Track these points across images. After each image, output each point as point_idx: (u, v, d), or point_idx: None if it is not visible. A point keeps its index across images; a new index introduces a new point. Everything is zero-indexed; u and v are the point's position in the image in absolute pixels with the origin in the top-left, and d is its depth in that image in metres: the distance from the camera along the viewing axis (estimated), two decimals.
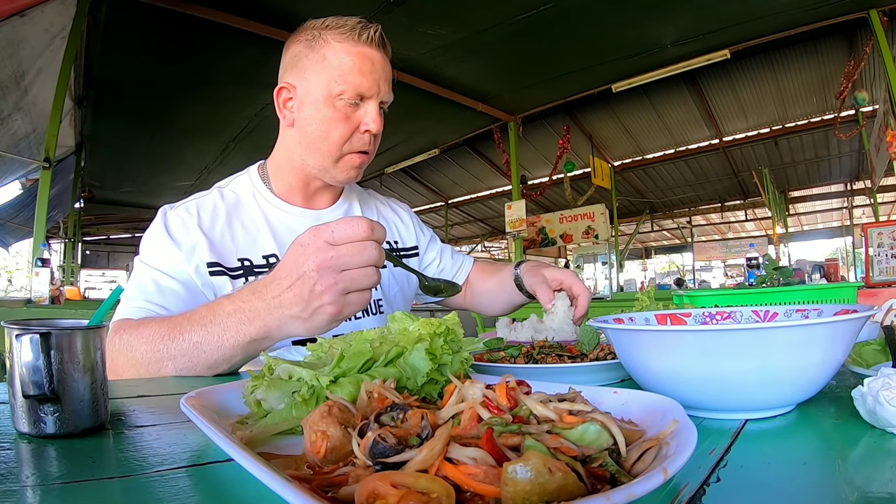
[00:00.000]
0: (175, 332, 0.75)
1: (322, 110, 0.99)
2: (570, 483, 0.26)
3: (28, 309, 3.37)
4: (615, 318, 0.67)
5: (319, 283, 0.65)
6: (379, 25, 1.02)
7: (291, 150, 1.06)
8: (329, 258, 0.65)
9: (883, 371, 0.44)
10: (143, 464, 0.39)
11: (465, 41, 4.94)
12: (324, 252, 0.65)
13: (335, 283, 0.66)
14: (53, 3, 3.63)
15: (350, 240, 0.65)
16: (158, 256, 0.94)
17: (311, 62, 1.00)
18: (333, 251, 0.65)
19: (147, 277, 0.93)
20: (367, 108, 1.00)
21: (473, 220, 13.50)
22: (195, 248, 0.95)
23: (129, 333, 0.79)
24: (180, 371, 0.76)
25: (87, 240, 12.62)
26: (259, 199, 1.08)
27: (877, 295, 3.10)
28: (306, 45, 1.01)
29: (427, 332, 0.49)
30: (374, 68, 0.99)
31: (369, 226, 0.66)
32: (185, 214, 0.99)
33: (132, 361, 0.77)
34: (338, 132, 0.99)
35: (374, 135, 1.02)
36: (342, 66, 0.97)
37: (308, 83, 1.00)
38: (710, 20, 4.85)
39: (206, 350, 0.74)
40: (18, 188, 7.37)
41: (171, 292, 0.91)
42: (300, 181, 1.09)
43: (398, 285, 1.20)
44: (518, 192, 7.63)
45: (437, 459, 0.29)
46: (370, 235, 0.66)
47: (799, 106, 7.33)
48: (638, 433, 0.36)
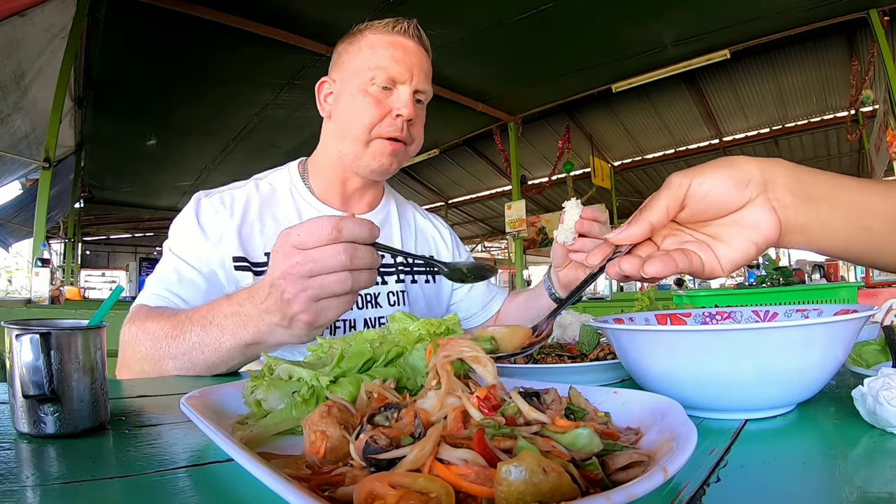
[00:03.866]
0: (177, 331, 0.75)
1: (356, 96, 1.00)
2: (564, 484, 0.26)
3: (28, 309, 3.37)
4: (615, 318, 0.67)
5: (287, 291, 0.62)
6: (414, 20, 1.04)
7: (329, 143, 1.07)
8: (294, 264, 0.61)
9: (883, 371, 0.44)
10: (143, 464, 0.39)
11: (465, 41, 4.93)
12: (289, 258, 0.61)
13: (303, 290, 0.61)
14: (53, 3, 3.63)
15: (317, 243, 0.60)
16: (184, 245, 0.95)
17: (349, 55, 1.04)
18: (299, 256, 0.61)
19: (170, 266, 0.93)
20: (400, 92, 1.00)
21: (473, 220, 13.49)
22: (222, 239, 0.96)
23: (137, 326, 0.80)
24: (180, 370, 0.76)
25: (87, 240, 12.64)
26: (296, 195, 1.08)
27: (877, 295, 3.10)
28: (348, 43, 1.06)
29: (427, 332, 0.49)
30: (407, 55, 1.01)
31: (334, 226, 0.60)
32: (218, 205, 0.99)
33: (137, 355, 0.79)
34: (368, 115, 0.99)
35: (407, 120, 1.01)
36: (375, 53, 1.00)
37: (344, 74, 1.04)
38: (710, 20, 4.85)
39: (205, 351, 0.74)
40: (18, 188, 7.38)
41: (191, 284, 0.91)
42: (338, 178, 1.09)
43: (425, 300, 1.17)
44: (518, 192, 7.63)
45: (429, 459, 0.29)
46: (336, 238, 0.60)
47: (799, 106, 7.32)
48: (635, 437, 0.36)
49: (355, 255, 0.61)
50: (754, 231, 0.52)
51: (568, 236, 0.88)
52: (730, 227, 0.53)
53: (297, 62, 5.11)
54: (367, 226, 0.62)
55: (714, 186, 0.51)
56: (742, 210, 0.52)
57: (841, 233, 0.53)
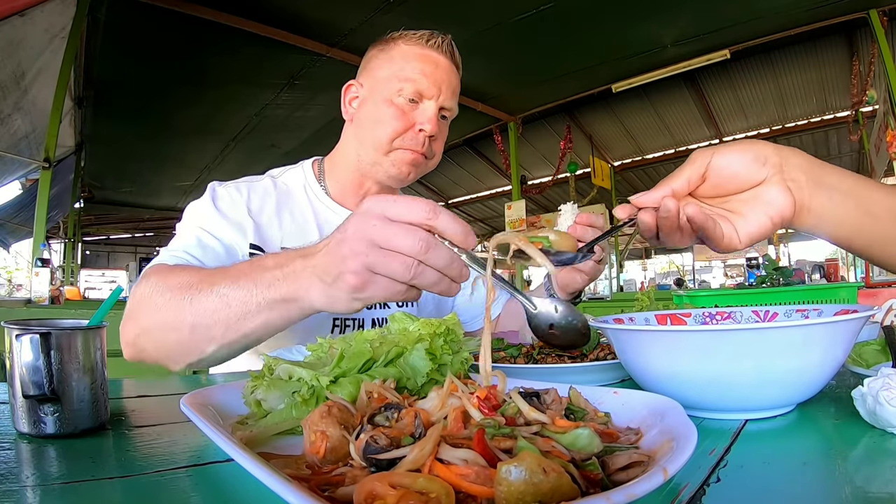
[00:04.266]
0: (205, 283, 0.69)
1: (380, 105, 1.00)
2: (564, 484, 0.26)
3: (28, 309, 3.37)
4: (615, 318, 0.67)
5: (349, 246, 0.56)
6: (449, 36, 1.05)
7: (348, 146, 1.07)
8: (370, 226, 0.55)
9: (883, 371, 0.44)
10: (143, 464, 0.39)
11: (465, 41, 4.88)
12: (367, 219, 0.56)
13: (364, 254, 0.55)
14: (53, 3, 3.63)
15: (401, 217, 0.54)
16: (205, 220, 0.93)
17: (379, 62, 1.04)
18: (378, 221, 0.55)
19: (191, 233, 0.91)
20: (426, 107, 1.01)
21: (473, 221, 13.49)
22: (241, 225, 0.95)
23: (158, 278, 0.75)
24: (197, 328, 0.68)
25: (87, 240, 12.63)
26: (311, 195, 1.09)
27: (877, 295, 3.10)
28: (379, 49, 1.06)
29: (427, 332, 0.49)
30: (437, 71, 1.01)
31: (431, 210, 0.54)
32: (234, 192, 0.99)
33: (153, 307, 0.72)
34: (391, 126, 0.99)
35: (430, 136, 1.01)
36: (405, 65, 1.00)
37: (373, 81, 1.04)
38: (710, 20, 4.85)
39: (232, 305, 0.66)
40: (18, 188, 7.38)
41: (212, 252, 0.89)
42: (355, 181, 1.09)
43: (434, 301, 1.16)
44: (518, 193, 7.63)
45: (428, 459, 0.29)
46: (426, 221, 0.54)
47: (799, 106, 7.32)
48: (635, 437, 0.36)
49: (432, 249, 0.54)
50: (770, 206, 0.57)
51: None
52: (747, 203, 0.58)
53: (296, 62, 5.11)
54: (465, 229, 0.56)
55: (733, 161, 0.57)
56: (759, 187, 0.57)
57: (849, 218, 0.57)
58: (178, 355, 0.72)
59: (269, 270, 0.65)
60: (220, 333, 0.68)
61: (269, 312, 0.65)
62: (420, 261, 0.54)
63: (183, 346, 0.70)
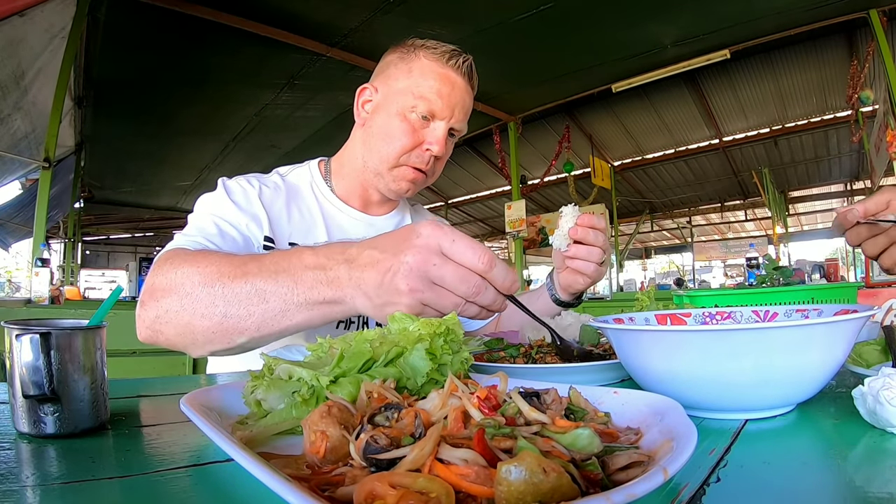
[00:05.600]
0: (238, 271, 0.66)
1: (393, 118, 1.00)
2: (564, 484, 0.26)
3: (28, 309, 3.37)
4: (615, 318, 0.67)
5: (405, 282, 0.58)
6: (470, 57, 1.04)
7: (356, 149, 1.08)
8: (432, 265, 0.58)
9: (883, 371, 0.44)
10: (143, 464, 0.39)
11: (465, 41, 4.89)
12: (430, 254, 0.58)
13: (421, 291, 0.58)
14: (53, 3, 3.63)
15: (462, 262, 0.58)
16: (222, 208, 0.93)
17: (398, 71, 1.03)
18: (439, 260, 0.58)
19: (208, 220, 0.89)
20: (436, 128, 1.01)
21: (473, 220, 13.49)
22: (257, 217, 0.96)
23: (183, 260, 0.71)
24: (229, 318, 0.66)
25: (87, 240, 12.63)
26: (317, 193, 1.10)
27: (877, 295, 3.10)
28: (399, 56, 1.04)
29: (427, 332, 0.49)
30: (453, 92, 1.01)
31: (489, 261, 0.58)
32: (246, 184, 1.00)
33: (183, 291, 0.69)
34: (400, 142, 1.00)
35: (436, 156, 1.03)
36: (423, 81, 1.00)
37: (388, 89, 1.03)
38: (710, 20, 4.85)
39: (270, 300, 0.65)
40: (18, 188, 7.37)
41: (231, 241, 0.88)
42: (360, 184, 1.10)
43: None
44: (518, 193, 7.63)
45: (429, 459, 0.29)
46: (485, 271, 0.58)
47: (799, 106, 7.33)
48: (635, 437, 0.36)
49: (482, 293, 0.59)
50: None
51: (562, 242, 0.89)
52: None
53: (296, 62, 5.11)
54: (512, 278, 0.61)
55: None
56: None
57: None
58: (204, 343, 0.70)
59: (311, 270, 0.64)
60: (255, 326, 0.66)
61: (309, 312, 0.65)
62: (468, 301, 0.59)
63: (210, 335, 0.68)
